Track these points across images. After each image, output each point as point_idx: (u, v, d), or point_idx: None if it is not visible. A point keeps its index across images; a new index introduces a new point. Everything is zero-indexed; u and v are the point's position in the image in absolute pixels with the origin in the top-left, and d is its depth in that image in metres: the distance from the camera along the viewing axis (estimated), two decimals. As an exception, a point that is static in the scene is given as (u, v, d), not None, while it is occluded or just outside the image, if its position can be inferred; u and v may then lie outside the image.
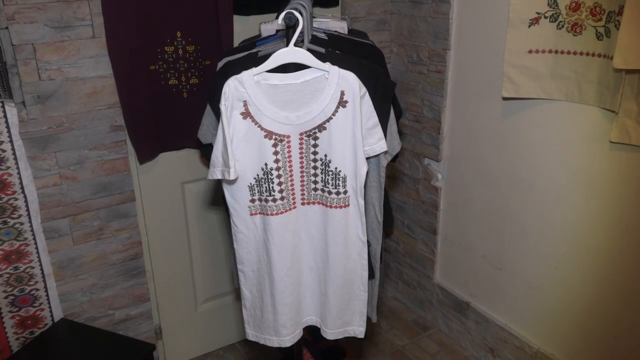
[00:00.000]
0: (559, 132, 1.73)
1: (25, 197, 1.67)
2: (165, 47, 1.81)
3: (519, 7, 1.68)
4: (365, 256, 1.47)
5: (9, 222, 1.67)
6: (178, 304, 2.16)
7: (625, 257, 1.61)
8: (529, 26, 1.68)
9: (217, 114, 1.41)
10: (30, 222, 1.70)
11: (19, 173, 1.64)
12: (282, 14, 1.28)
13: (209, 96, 1.52)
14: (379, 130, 1.38)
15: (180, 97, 1.89)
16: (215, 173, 1.35)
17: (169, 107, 1.88)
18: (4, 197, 1.64)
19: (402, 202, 2.46)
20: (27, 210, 1.68)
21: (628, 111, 1.47)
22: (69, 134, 1.71)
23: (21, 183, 1.65)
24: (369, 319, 1.62)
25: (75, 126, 1.72)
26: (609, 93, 1.52)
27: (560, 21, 1.62)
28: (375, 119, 1.36)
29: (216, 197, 2.10)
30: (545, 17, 1.64)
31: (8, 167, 1.63)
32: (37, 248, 1.73)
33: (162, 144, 1.92)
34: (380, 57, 1.63)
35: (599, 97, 1.56)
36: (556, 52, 1.65)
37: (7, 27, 1.57)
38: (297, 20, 1.28)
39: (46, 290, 1.79)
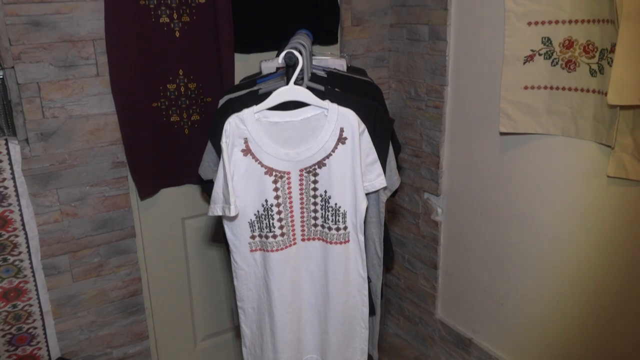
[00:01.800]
0: (557, 166, 1.74)
1: (25, 233, 1.67)
2: (168, 85, 1.85)
3: (514, 45, 1.72)
4: (366, 292, 1.46)
5: (9, 259, 1.66)
6: (177, 341, 2.13)
7: (626, 291, 1.60)
8: (524, 63, 1.71)
9: (218, 150, 1.43)
10: (30, 259, 1.69)
11: (20, 210, 1.65)
12: (283, 54, 1.31)
13: (210, 133, 1.54)
14: (378, 166, 1.39)
15: (182, 134, 1.91)
16: (216, 209, 1.35)
17: (171, 144, 1.90)
18: (4, 234, 1.64)
19: (403, 236, 2.46)
20: (28, 247, 1.68)
21: (624, 146, 1.49)
22: (71, 170, 1.73)
23: (22, 220, 1.66)
24: (370, 356, 1.59)
25: (77, 163, 1.73)
26: (604, 128, 1.54)
27: (555, 58, 1.65)
28: (374, 155, 1.38)
29: (216, 233, 2.10)
30: (540, 55, 1.68)
31: (10, 204, 1.63)
32: (36, 285, 1.72)
33: (163, 180, 1.93)
34: (378, 94, 1.66)
35: (595, 132, 1.58)
36: (551, 88, 1.68)
37: (13, 67, 1.60)
38: (297, 59, 1.31)
39: (44, 329, 1.77)
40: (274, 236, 1.38)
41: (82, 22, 1.65)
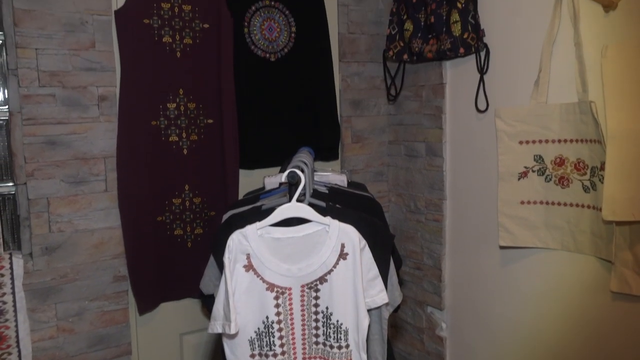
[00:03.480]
0: (559, 281, 1.73)
1: (19, 351, 1.62)
2: (173, 199, 1.90)
3: (507, 162, 1.79)
4: (370, 416, 1.39)
5: (-1, 378, 1.61)
6: None
7: (646, 416, 1.52)
8: (519, 179, 1.77)
9: (220, 265, 1.43)
10: (20, 378, 1.64)
11: (16, 326, 1.62)
12: (286, 173, 1.36)
13: (213, 248, 1.55)
14: (379, 281, 1.39)
15: (184, 247, 1.93)
16: (216, 327, 1.33)
17: (173, 257, 1.91)
18: (-3, 352, 1.60)
19: (407, 352, 2.37)
20: (20, 365, 1.63)
21: (624, 261, 1.49)
22: (72, 284, 1.72)
23: (17, 337, 1.62)
24: None
25: (78, 277, 1.73)
26: (603, 243, 1.56)
27: (548, 175, 1.71)
28: (375, 270, 1.38)
29: (215, 350, 2.04)
30: (533, 171, 1.74)
31: (6, 320, 1.61)
32: (23, 408, 1.65)
33: (164, 294, 1.92)
34: (378, 210, 1.70)
35: (594, 246, 1.59)
36: (547, 203, 1.72)
37: (25, 183, 1.66)
38: (300, 178, 1.36)
39: None
40: (275, 355, 1.34)
41: (96, 141, 1.74)
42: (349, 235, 1.35)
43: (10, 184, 1.67)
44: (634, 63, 1.41)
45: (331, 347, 1.36)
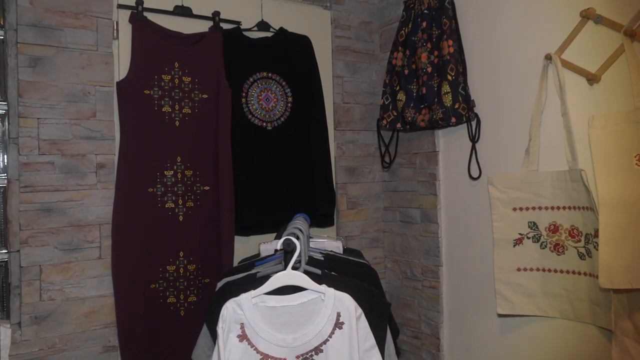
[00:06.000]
0: (560, 350, 1.70)
1: None
2: (167, 266, 1.88)
3: (502, 228, 1.79)
4: None
5: None
6: None
7: None
8: (514, 246, 1.77)
9: (214, 334, 1.41)
10: None
11: (-1, 400, 1.56)
12: (281, 240, 1.36)
13: (207, 317, 1.53)
14: (376, 352, 1.36)
15: (177, 316, 1.89)
16: (207, 400, 1.29)
17: (165, 326, 1.86)
18: None
19: None
20: None
21: (625, 330, 1.47)
22: (60, 355, 1.67)
23: (-1, 412, 1.56)
24: None
25: (67, 347, 1.69)
26: (601, 311, 1.54)
27: (543, 241, 1.71)
28: (372, 340, 1.35)
29: None
30: (528, 238, 1.74)
31: (-11, 394, 1.55)
32: None
33: (155, 366, 1.86)
34: (374, 277, 1.69)
35: (593, 315, 1.57)
36: (543, 270, 1.72)
37: (18, 250, 1.65)
38: (295, 245, 1.36)
39: None
40: None
41: (92, 208, 1.75)
42: (344, 303, 1.33)
43: (4, 251, 1.66)
44: (619, 133, 1.45)
45: (327, 422, 1.31)
